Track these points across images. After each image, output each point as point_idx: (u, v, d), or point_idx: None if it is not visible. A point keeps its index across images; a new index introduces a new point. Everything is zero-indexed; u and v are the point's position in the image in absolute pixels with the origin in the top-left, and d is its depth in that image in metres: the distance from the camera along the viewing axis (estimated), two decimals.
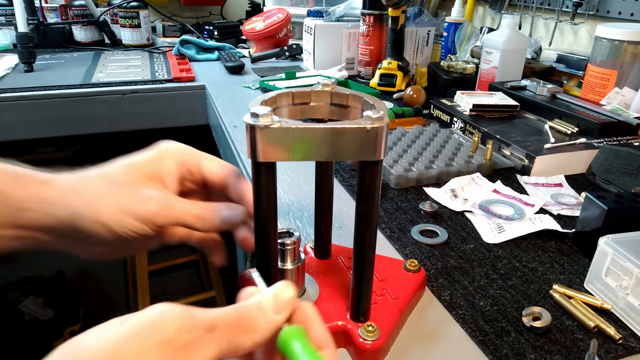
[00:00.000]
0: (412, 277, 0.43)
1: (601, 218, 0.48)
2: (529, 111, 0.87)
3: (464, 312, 0.42)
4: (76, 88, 1.07)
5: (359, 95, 0.35)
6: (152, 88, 1.12)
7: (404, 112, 0.89)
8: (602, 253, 0.44)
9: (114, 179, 0.36)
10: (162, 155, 0.39)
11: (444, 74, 1.10)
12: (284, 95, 0.35)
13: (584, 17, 1.14)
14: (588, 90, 0.90)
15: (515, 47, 0.98)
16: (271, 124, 0.29)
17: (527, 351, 0.38)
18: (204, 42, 1.41)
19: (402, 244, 0.52)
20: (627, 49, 0.84)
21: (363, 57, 1.20)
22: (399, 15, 1.04)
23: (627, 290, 0.41)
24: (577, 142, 0.72)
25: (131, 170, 0.37)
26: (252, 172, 0.32)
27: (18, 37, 1.16)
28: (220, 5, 1.96)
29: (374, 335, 0.36)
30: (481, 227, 0.55)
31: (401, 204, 0.60)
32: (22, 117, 1.03)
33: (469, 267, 0.48)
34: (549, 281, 0.46)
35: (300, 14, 1.44)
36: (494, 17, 1.45)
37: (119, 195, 0.35)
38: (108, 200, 0.35)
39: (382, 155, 0.31)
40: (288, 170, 0.69)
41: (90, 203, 0.35)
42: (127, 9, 1.48)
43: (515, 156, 0.71)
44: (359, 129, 0.30)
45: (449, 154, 0.71)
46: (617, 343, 0.39)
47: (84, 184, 0.36)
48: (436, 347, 0.39)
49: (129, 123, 1.12)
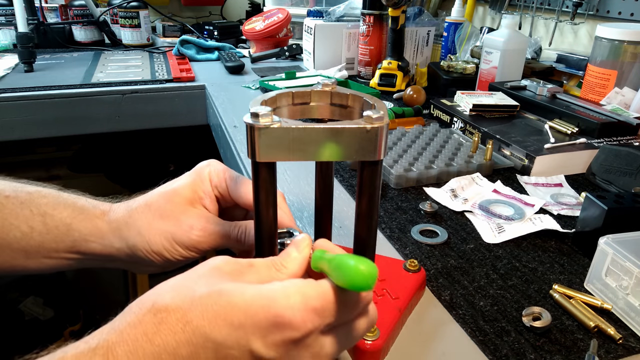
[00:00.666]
0: (412, 277, 0.43)
1: (601, 218, 0.48)
2: (529, 111, 0.87)
3: (464, 312, 0.42)
4: (76, 88, 1.07)
5: (359, 95, 0.35)
6: (152, 88, 1.12)
7: (404, 112, 0.89)
8: (602, 253, 0.44)
9: (159, 210, 0.39)
10: (200, 179, 0.41)
11: (444, 74, 1.10)
12: (284, 95, 0.35)
13: (584, 17, 1.14)
14: (588, 90, 0.90)
15: (515, 47, 0.98)
16: (271, 124, 0.29)
17: (527, 351, 0.38)
18: (204, 42, 1.41)
19: (402, 244, 0.52)
20: (627, 49, 0.84)
21: (363, 57, 1.20)
22: (399, 15, 1.04)
23: (627, 290, 0.41)
24: (577, 142, 0.72)
25: (173, 198, 0.40)
26: (252, 172, 0.32)
27: (18, 37, 1.16)
28: (220, 5, 1.96)
29: (373, 335, 0.36)
30: (481, 227, 0.55)
31: (401, 204, 0.60)
32: (22, 117, 1.03)
33: (469, 267, 0.48)
34: (549, 281, 0.46)
35: (300, 14, 1.44)
36: (494, 17, 1.45)
37: (165, 227, 0.39)
38: (157, 231, 0.39)
39: (382, 155, 0.31)
40: (288, 170, 0.69)
41: (141, 235, 0.39)
42: (127, 9, 1.48)
43: (515, 156, 0.71)
44: (359, 129, 0.30)
45: (449, 154, 0.71)
46: (617, 343, 0.39)
47: (134, 218, 0.40)
48: (436, 347, 0.39)
49: (129, 123, 1.12)
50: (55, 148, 1.81)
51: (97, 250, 0.40)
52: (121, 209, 0.41)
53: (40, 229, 0.40)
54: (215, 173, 0.41)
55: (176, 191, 0.40)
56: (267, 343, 0.26)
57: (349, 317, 0.29)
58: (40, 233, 0.40)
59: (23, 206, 0.40)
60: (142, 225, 0.39)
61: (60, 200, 0.41)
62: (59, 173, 1.88)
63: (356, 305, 0.29)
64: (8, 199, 0.40)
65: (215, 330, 0.26)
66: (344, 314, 0.28)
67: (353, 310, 0.29)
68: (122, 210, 0.41)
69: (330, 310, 0.27)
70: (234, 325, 0.26)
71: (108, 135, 1.13)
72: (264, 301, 0.26)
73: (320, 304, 0.27)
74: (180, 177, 0.41)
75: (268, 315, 0.26)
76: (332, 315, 0.27)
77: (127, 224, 0.40)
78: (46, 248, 0.40)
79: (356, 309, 0.29)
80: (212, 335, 0.26)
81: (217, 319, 0.26)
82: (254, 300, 0.26)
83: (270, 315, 0.26)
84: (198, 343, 0.26)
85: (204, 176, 0.41)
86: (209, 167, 0.41)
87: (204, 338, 0.26)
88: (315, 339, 0.28)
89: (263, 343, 0.26)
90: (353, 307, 0.29)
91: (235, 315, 0.26)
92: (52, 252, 0.41)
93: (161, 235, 0.38)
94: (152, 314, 0.26)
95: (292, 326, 0.26)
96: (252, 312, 0.26)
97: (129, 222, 0.40)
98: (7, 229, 0.40)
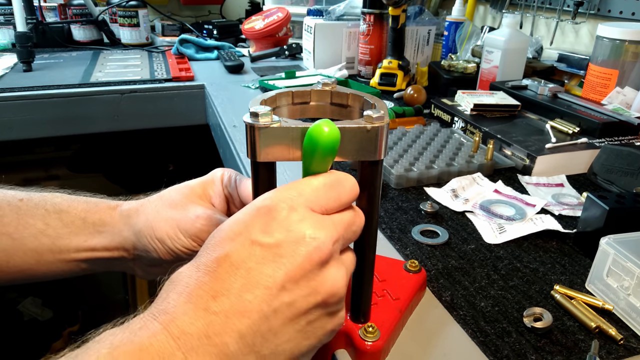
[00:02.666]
0: (413, 277, 0.43)
1: (602, 218, 0.48)
2: (530, 111, 0.86)
3: (465, 312, 0.42)
4: (75, 87, 1.06)
5: (359, 94, 0.35)
6: (151, 87, 1.11)
7: (405, 111, 0.89)
8: (604, 253, 0.43)
9: (169, 200, 0.41)
10: (212, 179, 0.43)
11: (444, 73, 1.09)
12: (283, 94, 0.35)
13: (585, 17, 1.14)
14: (589, 90, 0.90)
15: (516, 46, 0.98)
16: (271, 124, 0.29)
17: (528, 352, 0.38)
18: (203, 41, 1.41)
19: (403, 244, 0.52)
20: (629, 48, 0.84)
21: (363, 56, 1.19)
22: (399, 14, 1.04)
23: (629, 291, 0.41)
24: (579, 142, 0.72)
25: (184, 191, 0.42)
26: (252, 172, 0.31)
27: (17, 36, 1.16)
28: (220, 4, 1.96)
29: (374, 336, 0.35)
30: (482, 227, 0.55)
31: (402, 204, 0.60)
32: (20, 116, 1.03)
33: (469, 268, 0.48)
34: (550, 282, 0.46)
35: (300, 13, 1.43)
36: (494, 16, 1.45)
37: (172, 214, 0.40)
38: (163, 218, 0.40)
39: (383, 155, 0.31)
40: (288, 170, 0.68)
41: (148, 221, 0.40)
42: (126, 8, 1.48)
43: (517, 156, 0.71)
44: (359, 128, 0.29)
45: (449, 154, 0.70)
46: (619, 344, 0.39)
47: (145, 206, 0.42)
48: (437, 348, 0.39)
49: (128, 123, 1.12)
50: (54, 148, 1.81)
51: (106, 241, 0.41)
52: (134, 202, 0.43)
53: (56, 224, 0.41)
54: (227, 174, 0.43)
55: (188, 186, 0.42)
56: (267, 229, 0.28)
57: (329, 195, 0.29)
58: (55, 228, 0.41)
59: (38, 206, 0.42)
60: (150, 212, 0.41)
61: (74, 198, 0.43)
62: (57, 173, 1.88)
63: (335, 184, 0.30)
64: (22, 201, 0.42)
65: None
66: (325, 192, 0.29)
67: (331, 188, 0.29)
68: (135, 202, 0.43)
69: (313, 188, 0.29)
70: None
71: (107, 135, 1.13)
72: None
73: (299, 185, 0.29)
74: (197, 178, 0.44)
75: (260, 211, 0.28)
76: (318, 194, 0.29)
77: (138, 211, 0.41)
78: (58, 246, 0.41)
79: (337, 189, 0.29)
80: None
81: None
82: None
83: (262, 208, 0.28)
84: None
85: (216, 177, 0.43)
86: (222, 170, 0.43)
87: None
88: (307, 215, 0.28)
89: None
90: (331, 187, 0.29)
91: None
92: (64, 250, 0.41)
93: (166, 222, 0.39)
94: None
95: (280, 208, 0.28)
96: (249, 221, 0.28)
97: (140, 210, 0.42)
98: (22, 227, 0.41)
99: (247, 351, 0.26)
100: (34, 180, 1.88)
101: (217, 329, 0.25)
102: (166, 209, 0.40)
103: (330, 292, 0.28)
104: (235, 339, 0.25)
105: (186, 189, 0.42)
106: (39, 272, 0.42)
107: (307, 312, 0.27)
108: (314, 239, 0.27)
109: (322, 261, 0.27)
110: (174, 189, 0.42)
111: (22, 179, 1.87)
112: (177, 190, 0.42)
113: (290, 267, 0.26)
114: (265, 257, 0.27)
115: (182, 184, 0.43)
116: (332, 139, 0.28)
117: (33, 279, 0.42)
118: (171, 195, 0.41)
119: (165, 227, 0.39)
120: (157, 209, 0.41)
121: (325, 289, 0.28)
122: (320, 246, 0.27)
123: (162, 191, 0.43)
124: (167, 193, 0.42)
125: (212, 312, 0.25)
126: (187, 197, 0.41)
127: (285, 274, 0.26)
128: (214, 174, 0.43)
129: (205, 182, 0.42)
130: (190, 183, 0.42)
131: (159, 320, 0.25)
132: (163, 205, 0.41)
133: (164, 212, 0.40)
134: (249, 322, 0.26)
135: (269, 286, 0.26)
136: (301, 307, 0.27)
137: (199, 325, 0.25)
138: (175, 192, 0.42)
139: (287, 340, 0.27)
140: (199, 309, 0.25)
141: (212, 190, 0.42)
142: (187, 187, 0.42)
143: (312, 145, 0.28)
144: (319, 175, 0.30)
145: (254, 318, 0.26)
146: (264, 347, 0.26)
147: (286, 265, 0.26)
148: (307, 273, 0.27)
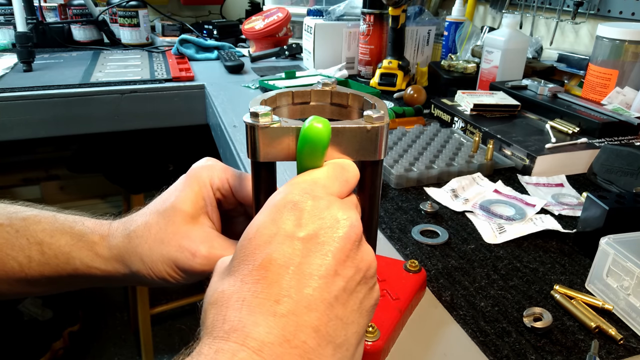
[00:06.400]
0: (413, 277, 0.43)
1: (602, 218, 0.48)
2: (530, 111, 0.86)
3: (465, 312, 0.42)
4: (75, 88, 1.06)
5: (359, 94, 0.35)
6: (151, 88, 1.11)
7: (405, 111, 0.89)
8: (604, 253, 0.44)
9: (159, 235, 0.37)
10: (199, 186, 0.38)
11: (444, 73, 1.09)
12: (283, 94, 0.35)
13: (585, 17, 1.14)
14: (589, 90, 0.90)
15: (516, 46, 0.98)
16: (271, 124, 0.29)
17: (528, 352, 0.38)
18: (204, 41, 1.41)
19: (403, 244, 0.52)
20: (628, 48, 0.84)
21: (363, 56, 1.19)
22: (399, 15, 1.04)
23: (629, 291, 0.41)
24: (578, 142, 0.72)
25: (173, 217, 0.37)
26: (252, 172, 0.31)
27: (17, 36, 1.16)
28: (220, 4, 1.96)
29: (374, 336, 0.35)
30: (482, 227, 0.55)
31: (402, 204, 0.60)
32: (20, 116, 1.03)
33: (469, 268, 0.48)
34: (550, 282, 0.46)
35: (300, 13, 1.43)
36: (494, 16, 1.45)
37: (167, 253, 0.37)
38: (158, 259, 0.37)
39: (383, 155, 0.31)
40: (288, 170, 0.68)
41: (144, 263, 0.37)
42: (126, 8, 1.48)
43: (516, 156, 0.71)
44: (359, 128, 0.29)
45: (449, 154, 0.70)
46: (619, 344, 0.39)
47: (134, 244, 0.38)
48: (437, 348, 0.39)
49: (128, 123, 1.12)
50: (54, 148, 1.81)
51: (100, 275, 0.39)
52: (119, 233, 0.39)
53: (39, 258, 0.39)
54: (217, 176, 0.39)
55: (175, 208, 0.37)
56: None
57: (341, 180, 0.30)
58: (39, 263, 0.39)
59: (18, 235, 0.39)
60: (143, 252, 0.37)
61: (56, 226, 0.40)
62: (57, 173, 1.88)
63: (338, 172, 0.30)
64: (2, 227, 0.39)
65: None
66: (329, 180, 0.30)
67: (336, 177, 0.30)
68: (121, 234, 0.39)
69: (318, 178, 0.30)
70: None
71: (107, 135, 1.13)
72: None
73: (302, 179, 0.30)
74: (176, 184, 0.39)
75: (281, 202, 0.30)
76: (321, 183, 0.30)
77: (128, 250, 0.38)
78: (47, 277, 0.39)
79: (341, 177, 0.30)
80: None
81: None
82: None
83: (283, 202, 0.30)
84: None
85: (204, 182, 0.38)
86: (208, 171, 0.39)
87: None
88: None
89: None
90: (335, 175, 0.30)
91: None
92: (54, 280, 0.40)
93: (163, 262, 0.37)
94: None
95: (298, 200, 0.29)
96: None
97: (129, 248, 0.38)
98: (3, 261, 0.38)
99: (325, 343, 0.26)
100: (34, 180, 1.88)
101: (293, 330, 0.25)
102: (158, 245, 0.37)
103: (368, 265, 0.28)
104: (311, 335, 0.25)
105: (174, 214, 0.37)
106: (34, 292, 0.41)
107: (357, 291, 0.28)
108: (346, 219, 0.28)
109: (358, 238, 0.28)
110: (160, 215, 0.38)
111: (22, 179, 1.87)
112: (164, 217, 0.37)
113: (335, 251, 0.27)
114: (309, 249, 0.27)
115: (167, 205, 0.38)
116: (322, 134, 0.28)
117: (32, 295, 0.42)
118: (160, 227, 0.37)
119: (163, 267, 0.37)
120: (149, 246, 0.37)
121: (365, 264, 0.28)
122: (353, 224, 0.28)
123: (148, 218, 0.38)
124: (154, 224, 0.37)
125: (281, 315, 0.25)
126: (178, 227, 0.37)
127: (333, 259, 0.27)
128: (200, 180, 0.38)
129: (195, 197, 0.38)
130: (178, 204, 0.37)
131: (232, 339, 0.24)
132: (155, 242, 0.37)
133: (158, 249, 0.37)
134: (318, 315, 0.26)
135: (323, 275, 0.26)
136: (352, 287, 0.27)
137: (276, 332, 0.24)
138: (164, 221, 0.37)
139: (352, 322, 0.27)
140: (268, 317, 0.25)
141: (204, 200, 0.38)
142: (175, 211, 0.37)
143: (304, 141, 0.29)
144: (324, 165, 0.30)
145: (321, 309, 0.26)
146: (337, 336, 0.26)
147: (332, 251, 0.27)
148: (349, 253, 0.27)
